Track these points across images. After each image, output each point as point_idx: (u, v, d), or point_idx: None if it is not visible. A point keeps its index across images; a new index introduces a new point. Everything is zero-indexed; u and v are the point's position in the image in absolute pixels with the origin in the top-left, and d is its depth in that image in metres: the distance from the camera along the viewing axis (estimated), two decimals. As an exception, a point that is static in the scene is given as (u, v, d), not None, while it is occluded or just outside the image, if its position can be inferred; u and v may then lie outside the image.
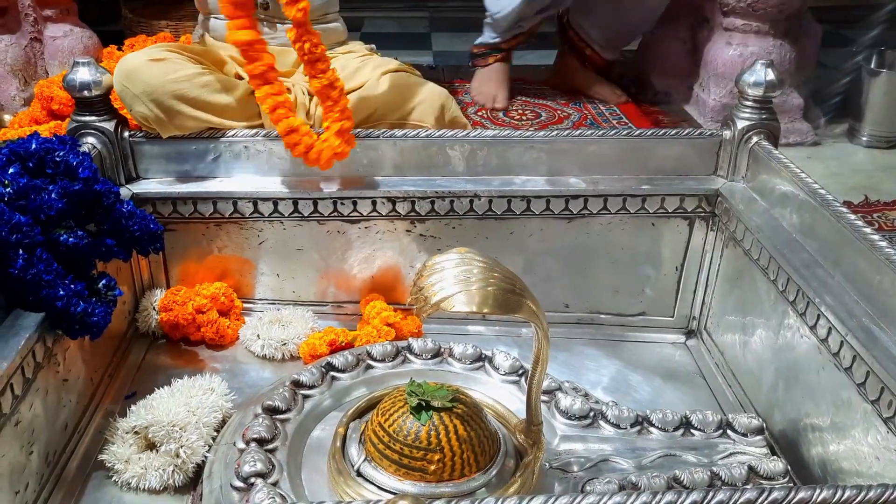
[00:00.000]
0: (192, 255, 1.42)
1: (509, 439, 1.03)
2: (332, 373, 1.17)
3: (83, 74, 1.28)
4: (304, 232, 1.40)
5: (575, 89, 2.71)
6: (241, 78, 1.50)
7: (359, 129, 1.39)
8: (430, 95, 1.52)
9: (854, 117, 2.48)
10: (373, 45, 1.76)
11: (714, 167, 1.39)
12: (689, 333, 1.45)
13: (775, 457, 1.07)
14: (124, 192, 1.33)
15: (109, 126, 1.32)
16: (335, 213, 1.38)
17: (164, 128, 1.36)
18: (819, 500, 0.69)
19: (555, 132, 1.38)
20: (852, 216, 1.08)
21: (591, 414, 1.10)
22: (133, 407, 1.12)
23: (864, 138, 2.44)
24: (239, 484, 0.95)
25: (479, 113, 2.56)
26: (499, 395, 1.13)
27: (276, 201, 1.37)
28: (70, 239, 1.05)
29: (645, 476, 0.98)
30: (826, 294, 1.05)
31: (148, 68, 1.36)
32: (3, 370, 0.91)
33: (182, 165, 1.38)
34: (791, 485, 1.01)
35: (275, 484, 0.95)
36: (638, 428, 1.09)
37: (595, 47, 2.64)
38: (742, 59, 2.38)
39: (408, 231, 1.40)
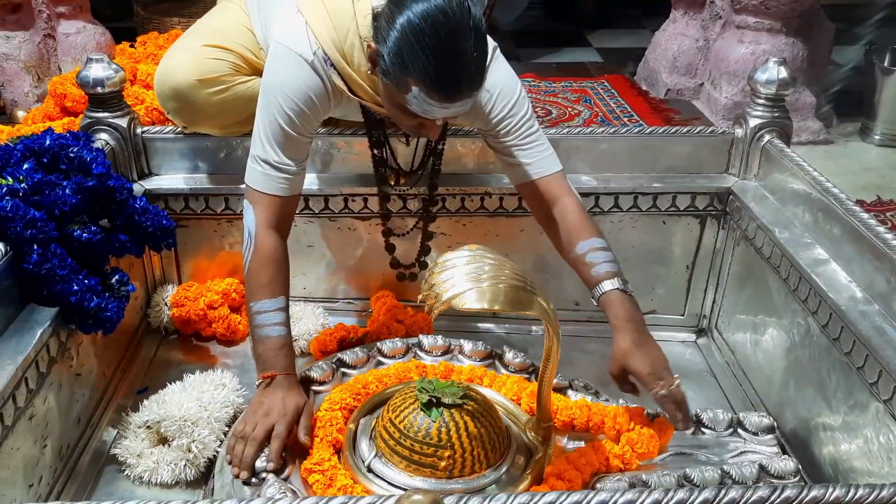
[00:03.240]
0: (204, 251, 1.43)
1: (519, 436, 1.03)
2: (343, 368, 1.18)
3: (96, 71, 1.29)
4: (314, 228, 1.40)
5: None
6: None
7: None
8: None
9: (867, 116, 2.46)
10: None
11: (726, 165, 1.38)
12: (700, 332, 1.45)
13: (786, 455, 1.06)
14: (137, 188, 1.34)
15: (122, 122, 1.32)
16: (346, 210, 1.38)
17: (191, 128, 1.35)
18: (832, 498, 0.69)
19: (566, 129, 1.38)
20: (865, 215, 1.07)
21: (605, 399, 1.10)
22: (145, 401, 1.13)
23: (877, 137, 2.43)
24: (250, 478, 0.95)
25: None
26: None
27: (287, 198, 1.37)
28: (84, 234, 1.06)
29: (655, 474, 0.98)
30: (838, 292, 1.05)
31: (195, 91, 1.26)
32: (18, 364, 0.91)
33: (194, 162, 1.39)
34: (803, 483, 1.01)
35: (286, 479, 0.96)
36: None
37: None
38: (754, 57, 2.36)
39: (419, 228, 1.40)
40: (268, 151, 1.08)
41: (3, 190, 1.01)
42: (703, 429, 1.10)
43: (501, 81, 1.13)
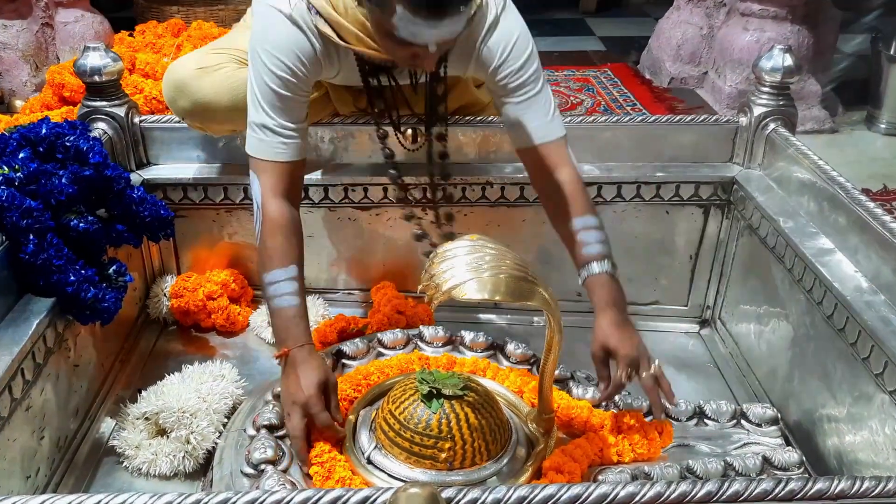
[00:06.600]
0: (203, 241, 1.42)
1: (521, 428, 1.02)
2: (343, 360, 1.17)
3: (94, 59, 1.28)
4: (314, 219, 1.39)
5: None
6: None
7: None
8: None
9: (872, 104, 2.44)
10: None
11: (730, 154, 1.37)
12: (703, 323, 1.44)
13: (790, 447, 1.06)
14: (135, 177, 1.33)
15: (120, 111, 1.31)
16: (346, 200, 1.37)
17: (213, 131, 1.31)
18: (836, 491, 0.68)
19: (568, 118, 1.36)
20: (871, 204, 1.06)
21: (604, 404, 1.09)
22: (144, 393, 1.12)
23: (883, 126, 2.41)
24: (249, 470, 0.95)
25: None
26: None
27: (286, 187, 1.36)
28: (81, 224, 1.05)
29: (658, 466, 0.97)
30: (843, 283, 1.03)
31: (198, 81, 1.23)
32: (15, 355, 0.91)
33: (193, 151, 1.37)
34: (807, 476, 1.00)
35: (285, 470, 0.95)
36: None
37: None
38: (759, 45, 2.34)
39: (419, 218, 1.39)
40: (262, 115, 1.06)
41: (-1, 179, 1.00)
42: (706, 420, 1.09)
43: (509, 35, 1.10)
